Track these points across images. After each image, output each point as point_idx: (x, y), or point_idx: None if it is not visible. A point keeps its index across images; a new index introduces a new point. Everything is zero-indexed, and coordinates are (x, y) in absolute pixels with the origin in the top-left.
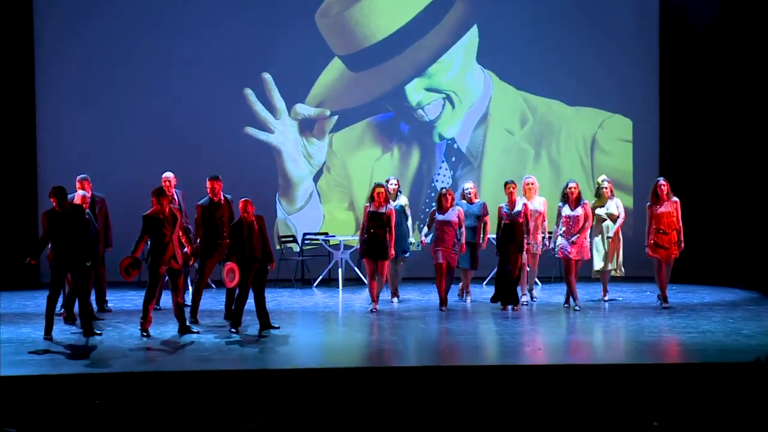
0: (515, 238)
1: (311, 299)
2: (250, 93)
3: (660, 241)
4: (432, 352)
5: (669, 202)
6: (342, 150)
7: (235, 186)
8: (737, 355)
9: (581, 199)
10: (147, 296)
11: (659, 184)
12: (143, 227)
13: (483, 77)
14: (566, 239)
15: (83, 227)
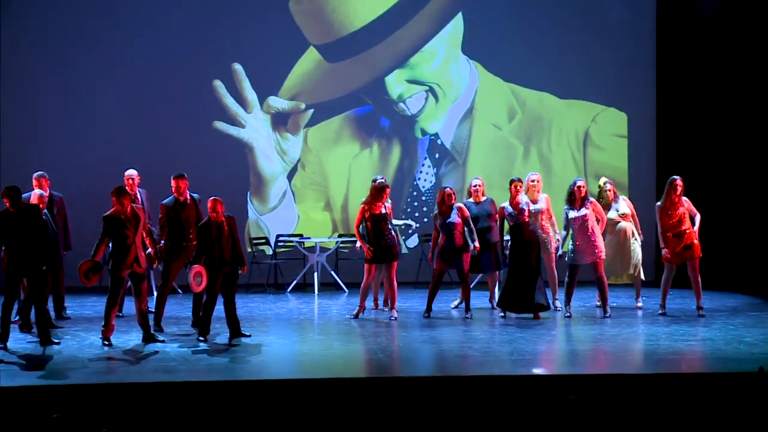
0: (525, 238)
1: (285, 305)
2: (219, 85)
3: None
4: (414, 361)
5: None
6: (318, 146)
7: (203, 184)
8: (739, 365)
9: (587, 198)
10: (108, 302)
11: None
12: (104, 228)
13: (468, 68)
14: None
15: (40, 229)
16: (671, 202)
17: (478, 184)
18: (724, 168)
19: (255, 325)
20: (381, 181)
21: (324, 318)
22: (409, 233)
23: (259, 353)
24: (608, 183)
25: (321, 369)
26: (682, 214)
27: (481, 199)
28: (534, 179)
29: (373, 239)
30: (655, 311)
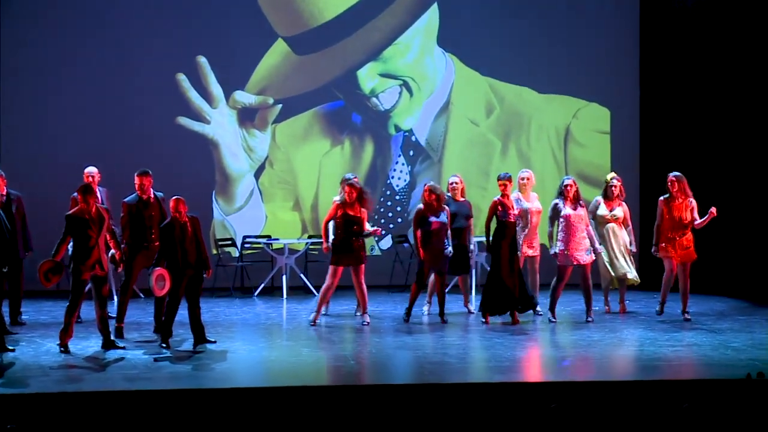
0: (509, 237)
1: (252, 310)
2: (183, 79)
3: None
4: (388, 369)
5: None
6: (286, 143)
7: (165, 183)
8: (726, 371)
9: (580, 198)
10: (69, 306)
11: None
12: (66, 228)
13: (444, 62)
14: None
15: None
16: (671, 198)
17: (457, 182)
18: (711, 166)
19: (220, 330)
20: (353, 181)
21: (293, 323)
22: (382, 234)
23: (225, 360)
24: (615, 179)
25: (289, 377)
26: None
27: (460, 198)
28: (525, 176)
29: (341, 240)
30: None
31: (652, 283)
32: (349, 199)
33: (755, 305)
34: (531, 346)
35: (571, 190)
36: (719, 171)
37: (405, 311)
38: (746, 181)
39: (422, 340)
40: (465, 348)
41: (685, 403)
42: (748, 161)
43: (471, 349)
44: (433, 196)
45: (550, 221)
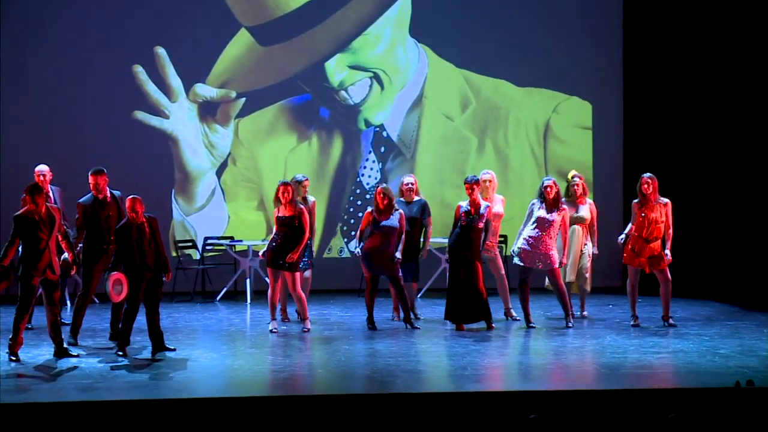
0: (472, 245)
1: (214, 316)
2: (140, 71)
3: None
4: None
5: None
6: (250, 138)
7: (121, 181)
8: (713, 379)
9: (560, 202)
10: (18, 313)
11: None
12: (14, 229)
13: (417, 53)
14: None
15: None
16: (643, 202)
17: (411, 182)
18: (697, 163)
19: (180, 337)
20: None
21: (257, 330)
22: (351, 236)
23: (185, 369)
24: (577, 177)
25: (253, 387)
26: (655, 219)
27: (414, 198)
28: (487, 179)
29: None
30: (623, 321)
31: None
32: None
33: (744, 309)
34: (508, 353)
35: (551, 191)
36: (705, 168)
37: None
38: (734, 180)
39: (394, 348)
40: (439, 355)
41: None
42: (735, 159)
43: (445, 357)
44: (386, 200)
45: (526, 221)
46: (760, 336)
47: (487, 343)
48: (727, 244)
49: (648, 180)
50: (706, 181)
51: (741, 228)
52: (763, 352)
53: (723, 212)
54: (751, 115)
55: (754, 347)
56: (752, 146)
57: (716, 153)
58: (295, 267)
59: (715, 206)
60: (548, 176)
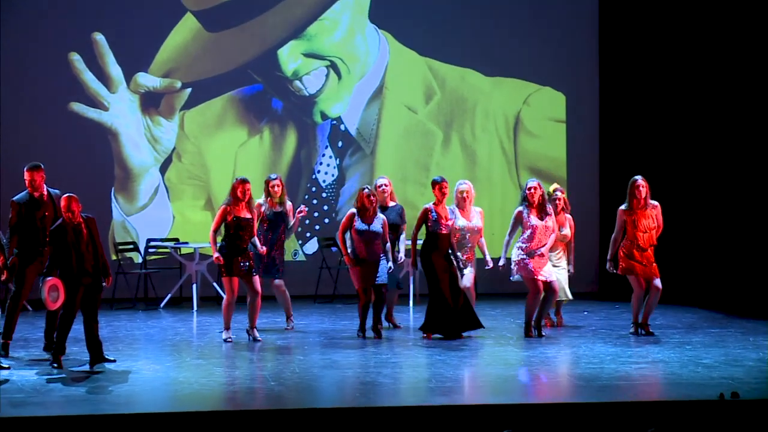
0: (443, 249)
1: (157, 324)
2: (76, 59)
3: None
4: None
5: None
6: (196, 132)
7: (57, 178)
8: (696, 391)
9: (546, 203)
10: None
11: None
12: None
13: (377, 40)
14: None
15: None
16: (637, 207)
17: (386, 184)
18: (678, 161)
19: (121, 347)
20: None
21: (204, 339)
22: (307, 237)
23: (126, 382)
24: (559, 191)
25: (200, 400)
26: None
27: (390, 203)
28: (463, 189)
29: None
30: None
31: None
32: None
33: (728, 316)
34: (477, 363)
35: (536, 194)
36: (686, 166)
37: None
38: (716, 180)
39: (352, 358)
40: (401, 366)
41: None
42: (718, 156)
43: (408, 368)
44: (375, 202)
45: (511, 230)
46: (745, 344)
47: (454, 354)
48: (711, 247)
49: (642, 183)
50: (686, 179)
51: (724, 229)
52: (748, 362)
53: (705, 213)
54: (733, 107)
55: (739, 357)
56: (734, 140)
57: (698, 148)
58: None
59: (697, 206)
60: (532, 178)
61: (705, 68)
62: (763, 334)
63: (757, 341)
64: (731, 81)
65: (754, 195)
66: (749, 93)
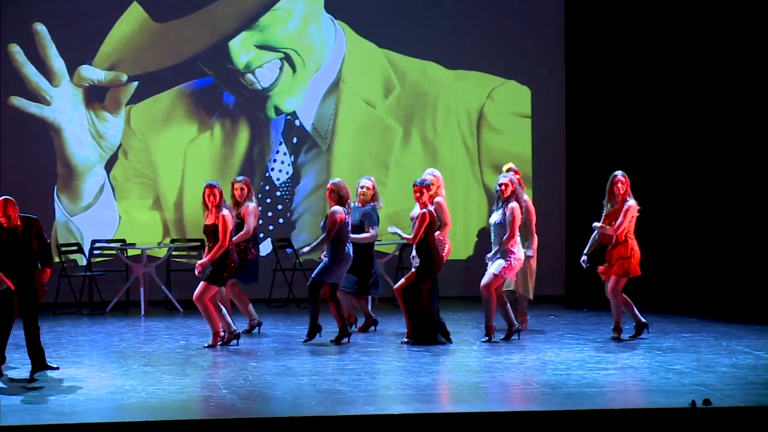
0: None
1: (103, 329)
2: (16, 51)
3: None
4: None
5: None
6: (144, 128)
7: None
8: (666, 398)
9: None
10: None
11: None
12: None
13: (334, 31)
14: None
15: None
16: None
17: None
18: (648, 157)
19: (64, 354)
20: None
21: (152, 345)
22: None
23: (70, 390)
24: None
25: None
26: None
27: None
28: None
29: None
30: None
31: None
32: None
33: (701, 319)
34: (438, 370)
35: (505, 190)
36: (656, 162)
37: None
38: (687, 178)
39: (309, 365)
40: (359, 373)
41: None
42: (689, 152)
43: (367, 375)
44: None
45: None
46: (718, 350)
47: (414, 360)
48: (682, 249)
49: (622, 179)
50: (655, 177)
51: (695, 230)
52: (721, 367)
53: (674, 213)
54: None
55: (711, 362)
56: (703, 134)
57: (668, 144)
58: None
59: (665, 205)
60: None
61: (672, 61)
62: (736, 339)
63: (730, 346)
64: (699, 74)
65: (725, 195)
66: (718, 85)
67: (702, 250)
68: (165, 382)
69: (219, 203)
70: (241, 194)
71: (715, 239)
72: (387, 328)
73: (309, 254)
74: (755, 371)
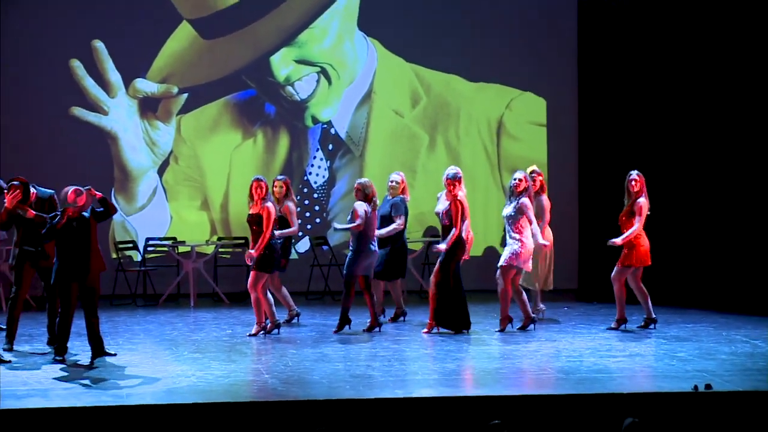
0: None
1: (156, 320)
2: (77, 65)
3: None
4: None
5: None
6: (193, 136)
7: (60, 179)
8: (671, 383)
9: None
10: None
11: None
12: None
13: (366, 47)
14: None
15: None
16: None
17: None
18: (654, 162)
19: (121, 342)
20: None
21: (201, 334)
22: (299, 236)
23: (126, 375)
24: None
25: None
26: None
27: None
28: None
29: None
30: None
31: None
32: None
33: (702, 311)
34: (461, 357)
35: (519, 185)
36: (662, 166)
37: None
38: (691, 179)
39: (344, 352)
40: (390, 360)
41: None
42: (693, 156)
43: (396, 361)
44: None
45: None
46: (718, 339)
47: (440, 348)
48: (684, 245)
49: (636, 177)
50: (661, 179)
51: (698, 229)
52: (721, 355)
53: (679, 212)
54: (711, 110)
55: (712, 350)
56: (712, 141)
57: (673, 150)
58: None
59: (670, 205)
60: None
61: (681, 73)
62: (735, 329)
63: (729, 335)
64: (708, 84)
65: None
66: (727, 96)
67: (704, 246)
68: (212, 368)
69: (265, 196)
70: (280, 191)
71: (716, 236)
72: (414, 318)
73: (338, 231)
74: (752, 359)
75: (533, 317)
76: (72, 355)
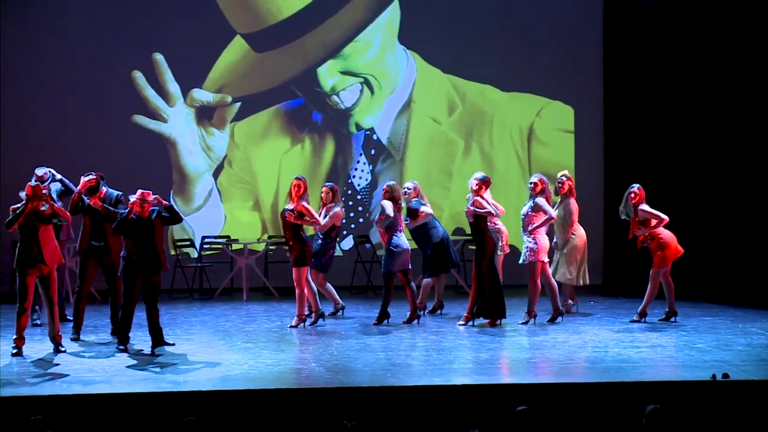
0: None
1: (211, 312)
2: (139, 76)
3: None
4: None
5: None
6: (245, 141)
7: (122, 182)
8: (691, 372)
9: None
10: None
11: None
12: None
13: (406, 59)
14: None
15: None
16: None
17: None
18: (676, 166)
19: (179, 333)
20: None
21: (252, 325)
22: (344, 235)
23: (184, 363)
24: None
25: (248, 380)
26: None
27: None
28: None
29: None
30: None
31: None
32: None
33: (719, 305)
34: (494, 347)
35: (536, 187)
36: (683, 170)
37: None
38: (709, 180)
39: (385, 343)
40: (428, 350)
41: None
42: (711, 160)
43: (434, 351)
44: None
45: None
46: (735, 331)
47: (475, 339)
48: (703, 243)
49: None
50: (682, 181)
51: (716, 226)
52: (738, 346)
53: (700, 214)
54: (734, 117)
55: (729, 342)
56: (733, 147)
57: (692, 155)
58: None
59: (691, 205)
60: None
61: (703, 80)
62: (751, 322)
63: (745, 328)
64: (732, 91)
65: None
66: (750, 103)
67: (722, 243)
68: (263, 357)
69: (302, 194)
70: (326, 197)
71: (734, 234)
72: (451, 311)
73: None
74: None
75: (562, 310)
76: (134, 344)
